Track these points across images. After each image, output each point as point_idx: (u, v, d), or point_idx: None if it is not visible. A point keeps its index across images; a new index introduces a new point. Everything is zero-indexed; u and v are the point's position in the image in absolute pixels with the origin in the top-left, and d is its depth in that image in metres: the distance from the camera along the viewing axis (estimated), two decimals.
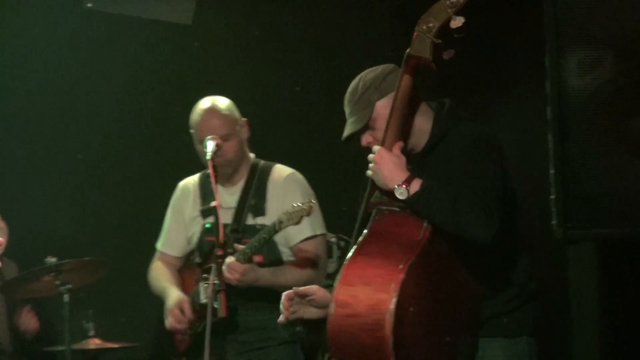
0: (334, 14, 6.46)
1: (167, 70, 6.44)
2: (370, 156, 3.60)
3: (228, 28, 6.53)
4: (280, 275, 4.71)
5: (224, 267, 4.54)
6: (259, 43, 6.55)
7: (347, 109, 3.79)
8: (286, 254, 4.81)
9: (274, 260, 4.78)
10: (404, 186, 3.49)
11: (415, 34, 3.49)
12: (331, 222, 5.01)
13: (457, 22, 3.46)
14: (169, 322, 4.81)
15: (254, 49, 6.56)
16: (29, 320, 5.87)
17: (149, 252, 5.25)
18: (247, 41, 6.55)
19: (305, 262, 4.77)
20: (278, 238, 4.71)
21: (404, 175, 3.52)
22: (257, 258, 4.67)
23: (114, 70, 6.45)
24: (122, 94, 6.44)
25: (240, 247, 4.60)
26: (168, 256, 5.10)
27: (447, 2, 3.46)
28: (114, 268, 5.71)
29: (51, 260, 5.44)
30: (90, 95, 6.46)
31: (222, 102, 4.87)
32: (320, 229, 4.82)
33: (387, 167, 3.54)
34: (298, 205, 4.44)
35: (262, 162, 4.94)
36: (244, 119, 4.88)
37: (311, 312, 3.75)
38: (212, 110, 4.83)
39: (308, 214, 4.45)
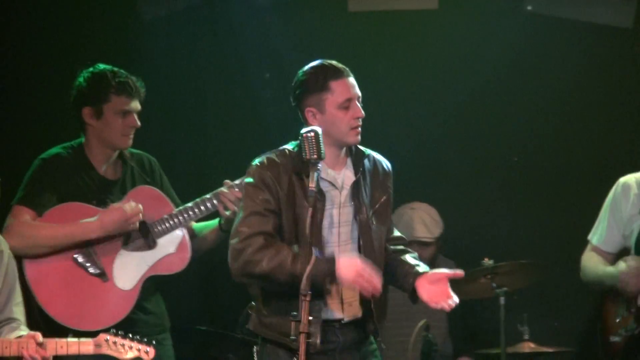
0: None
1: (605, 75, 6.35)
2: None
3: None
4: None
5: None
6: None
7: None
8: None
9: None
10: None
11: None
12: None
13: None
14: (632, 284, 4.83)
15: None
16: None
17: None
18: None
19: None
20: None
21: None
22: None
23: (551, 73, 6.47)
24: (557, 97, 6.44)
25: None
26: (602, 251, 5.13)
27: None
28: (549, 271, 5.77)
29: (488, 262, 5.52)
30: (527, 98, 6.52)
31: None
32: None
33: None
34: None
35: None
36: None
37: None
38: None
39: None
